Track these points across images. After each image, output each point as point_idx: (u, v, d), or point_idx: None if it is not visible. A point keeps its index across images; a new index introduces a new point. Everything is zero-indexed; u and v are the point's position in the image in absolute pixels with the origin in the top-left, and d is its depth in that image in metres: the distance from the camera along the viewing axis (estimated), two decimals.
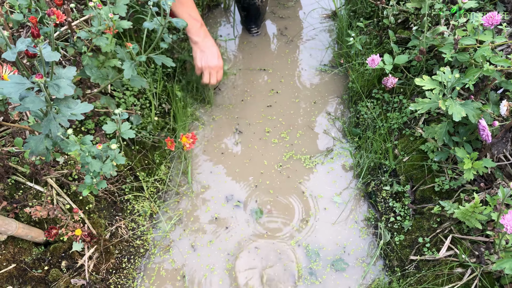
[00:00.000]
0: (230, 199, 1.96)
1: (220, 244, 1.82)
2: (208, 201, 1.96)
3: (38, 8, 1.55)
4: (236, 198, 1.96)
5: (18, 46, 1.04)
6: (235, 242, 1.82)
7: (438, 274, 1.51)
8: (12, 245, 1.51)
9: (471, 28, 1.56)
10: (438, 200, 1.63)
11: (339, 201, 1.93)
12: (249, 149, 2.14)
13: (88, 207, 1.67)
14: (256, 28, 2.75)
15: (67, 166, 1.67)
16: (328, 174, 2.04)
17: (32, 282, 1.50)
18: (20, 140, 1.43)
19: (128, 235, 1.75)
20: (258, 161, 2.09)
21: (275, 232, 1.85)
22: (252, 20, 2.71)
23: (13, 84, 1.01)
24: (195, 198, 1.97)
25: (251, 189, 1.99)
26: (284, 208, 1.92)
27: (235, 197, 1.96)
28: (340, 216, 1.88)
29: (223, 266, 1.76)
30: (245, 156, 2.11)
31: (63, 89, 1.03)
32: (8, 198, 1.55)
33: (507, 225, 1.15)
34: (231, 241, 1.83)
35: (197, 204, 1.95)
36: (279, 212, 1.91)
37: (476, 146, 1.57)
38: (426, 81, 1.55)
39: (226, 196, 1.97)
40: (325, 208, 1.92)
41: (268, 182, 2.01)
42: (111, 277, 1.64)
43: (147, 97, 2.07)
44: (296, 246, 1.80)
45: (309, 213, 1.90)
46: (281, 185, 2.00)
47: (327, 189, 1.98)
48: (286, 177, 2.03)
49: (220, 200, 1.96)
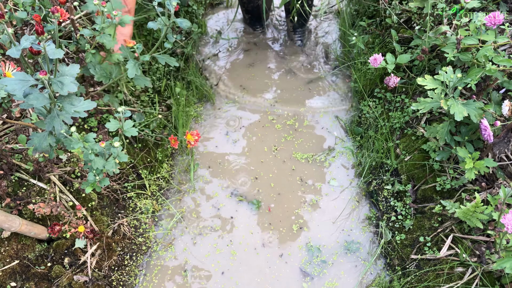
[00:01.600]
0: (233, 194, 1.96)
1: (222, 240, 1.83)
2: (211, 198, 1.96)
3: (42, 6, 1.56)
4: (239, 192, 1.97)
5: (22, 43, 1.05)
6: (239, 238, 1.83)
7: (438, 273, 1.51)
8: (15, 241, 1.52)
9: (473, 28, 1.56)
10: (440, 200, 1.63)
11: (335, 184, 1.95)
12: (249, 144, 2.15)
13: (91, 205, 1.68)
14: (261, 28, 2.80)
15: (70, 163, 1.68)
16: (330, 172, 2.04)
17: (35, 278, 1.51)
18: (24, 137, 1.44)
19: (131, 233, 1.76)
20: (258, 156, 2.09)
21: (277, 226, 1.86)
22: (257, 21, 2.76)
23: (17, 81, 1.02)
24: (197, 195, 1.97)
25: (252, 183, 1.99)
26: (284, 205, 1.93)
27: (238, 192, 1.97)
28: (341, 214, 1.89)
29: (226, 262, 1.76)
30: (245, 154, 2.12)
31: (67, 86, 1.04)
32: (12, 195, 1.56)
33: (508, 224, 1.15)
34: (234, 237, 1.83)
35: (199, 201, 1.95)
36: (279, 210, 1.92)
37: (477, 145, 1.57)
38: (428, 80, 1.55)
39: (229, 191, 1.98)
40: (324, 206, 1.92)
41: (271, 175, 2.02)
42: (114, 274, 1.65)
43: (149, 95, 2.08)
44: (298, 246, 1.81)
45: (309, 210, 1.91)
46: (283, 180, 2.01)
47: (328, 186, 1.98)
48: (287, 173, 2.03)
49: (222, 196, 1.96)
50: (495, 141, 1.46)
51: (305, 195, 1.96)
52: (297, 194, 1.97)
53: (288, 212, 1.91)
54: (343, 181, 2.01)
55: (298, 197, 1.96)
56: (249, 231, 1.86)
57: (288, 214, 1.90)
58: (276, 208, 1.93)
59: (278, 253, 1.79)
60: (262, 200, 1.95)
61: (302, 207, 1.92)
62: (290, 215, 1.90)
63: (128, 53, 1.54)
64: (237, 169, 2.07)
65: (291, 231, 1.85)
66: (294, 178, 2.03)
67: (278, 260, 1.77)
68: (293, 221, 1.88)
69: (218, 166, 2.09)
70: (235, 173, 2.05)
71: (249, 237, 1.84)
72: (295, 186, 2.00)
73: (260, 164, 2.08)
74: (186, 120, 2.14)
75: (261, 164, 2.08)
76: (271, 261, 1.77)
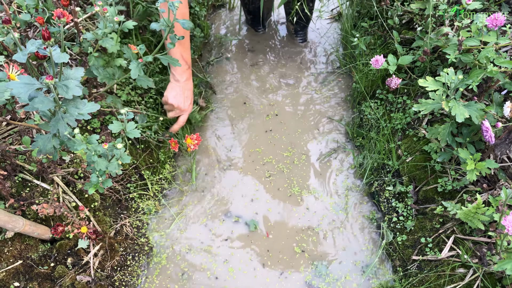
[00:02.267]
0: (236, 193, 1.97)
1: (224, 242, 1.83)
2: (212, 199, 1.97)
3: (45, 8, 1.57)
4: (243, 192, 1.98)
5: (28, 48, 1.06)
6: (241, 239, 1.84)
7: (440, 274, 1.52)
8: (19, 241, 1.53)
9: (475, 29, 1.56)
10: (441, 201, 1.64)
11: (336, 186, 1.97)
12: (251, 145, 2.15)
13: (94, 205, 1.69)
14: (262, 29, 2.81)
15: (73, 164, 1.69)
16: (331, 173, 2.05)
17: (38, 278, 1.52)
18: (28, 138, 1.44)
19: (133, 233, 1.77)
20: (261, 157, 2.10)
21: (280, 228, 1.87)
22: (258, 22, 2.76)
23: (22, 85, 1.03)
24: (199, 196, 1.98)
25: (254, 184, 2.00)
26: (286, 204, 1.94)
27: (240, 190, 1.98)
28: (342, 215, 1.90)
29: (225, 264, 1.77)
30: (247, 154, 2.13)
31: (72, 89, 1.05)
32: (15, 196, 1.57)
33: (509, 226, 1.16)
34: (235, 238, 1.84)
35: (201, 202, 1.96)
36: (282, 211, 1.92)
37: (479, 147, 1.58)
38: (429, 82, 1.55)
39: (231, 191, 1.98)
40: (326, 206, 1.93)
41: (270, 177, 2.03)
42: (116, 274, 1.66)
43: (151, 96, 2.09)
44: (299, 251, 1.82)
45: (310, 210, 1.91)
46: (281, 182, 2.02)
47: (329, 188, 1.99)
48: (286, 175, 2.04)
49: (225, 197, 1.97)
50: (497, 143, 1.46)
51: (303, 196, 1.97)
52: (295, 194, 1.98)
53: (291, 209, 1.92)
54: (344, 183, 2.01)
55: (298, 195, 1.97)
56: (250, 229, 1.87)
57: (290, 212, 1.91)
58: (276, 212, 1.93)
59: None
60: (263, 201, 1.96)
61: (302, 207, 1.93)
62: (292, 212, 1.91)
63: (131, 54, 1.55)
64: (241, 170, 2.08)
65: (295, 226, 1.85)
66: (295, 178, 2.04)
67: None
68: (296, 215, 1.89)
69: (221, 164, 2.09)
70: (238, 171, 2.06)
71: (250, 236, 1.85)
72: (294, 189, 2.00)
73: (264, 164, 2.09)
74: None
75: (266, 163, 2.09)
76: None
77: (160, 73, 2.18)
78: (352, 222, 1.88)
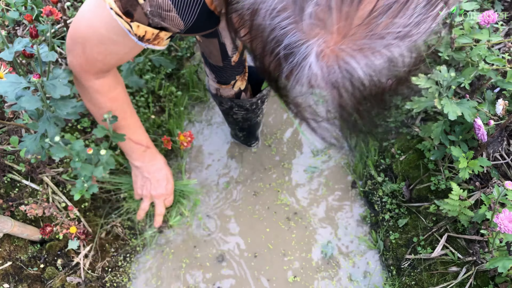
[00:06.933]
0: (229, 186, 1.96)
1: (215, 241, 1.82)
2: (206, 198, 1.96)
3: (34, 6, 1.54)
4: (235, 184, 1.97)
5: (15, 46, 1.04)
6: (233, 238, 1.83)
7: (433, 272, 1.52)
8: (8, 243, 1.51)
9: (468, 27, 1.56)
10: (434, 199, 1.64)
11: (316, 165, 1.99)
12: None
13: (84, 206, 1.67)
14: (256, 142, 2.08)
15: (63, 164, 1.67)
16: (324, 171, 2.04)
17: (28, 280, 1.50)
18: (16, 138, 1.42)
19: (124, 234, 1.75)
20: (252, 159, 2.10)
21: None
22: (253, 136, 2.02)
23: (9, 83, 1.01)
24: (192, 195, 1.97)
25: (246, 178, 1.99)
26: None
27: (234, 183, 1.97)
28: (334, 213, 1.89)
29: (218, 263, 1.76)
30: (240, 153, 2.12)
31: (59, 89, 1.03)
32: (4, 196, 1.55)
33: (501, 224, 1.16)
34: (227, 237, 1.83)
35: (194, 202, 1.95)
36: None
37: (472, 145, 1.58)
38: (422, 79, 1.55)
39: (223, 185, 1.97)
40: (317, 204, 1.93)
41: (261, 176, 2.02)
42: (107, 275, 1.64)
43: (143, 95, 2.07)
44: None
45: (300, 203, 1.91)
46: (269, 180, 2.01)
47: (321, 187, 1.99)
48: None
49: (218, 195, 1.96)
50: (489, 140, 1.46)
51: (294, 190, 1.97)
52: (286, 186, 1.97)
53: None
54: (337, 181, 2.01)
55: (290, 190, 1.96)
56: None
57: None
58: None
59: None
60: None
61: (293, 201, 1.92)
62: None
63: None
64: (234, 163, 2.06)
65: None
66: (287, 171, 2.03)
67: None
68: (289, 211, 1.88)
69: (214, 164, 2.08)
70: (230, 165, 2.05)
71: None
72: (285, 182, 2.00)
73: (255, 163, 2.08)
74: (179, 121, 2.13)
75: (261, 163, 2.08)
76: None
77: (151, 71, 2.17)
78: (345, 220, 1.88)
